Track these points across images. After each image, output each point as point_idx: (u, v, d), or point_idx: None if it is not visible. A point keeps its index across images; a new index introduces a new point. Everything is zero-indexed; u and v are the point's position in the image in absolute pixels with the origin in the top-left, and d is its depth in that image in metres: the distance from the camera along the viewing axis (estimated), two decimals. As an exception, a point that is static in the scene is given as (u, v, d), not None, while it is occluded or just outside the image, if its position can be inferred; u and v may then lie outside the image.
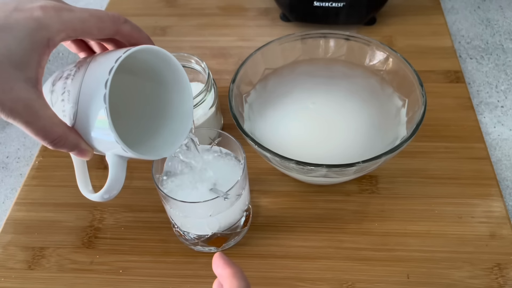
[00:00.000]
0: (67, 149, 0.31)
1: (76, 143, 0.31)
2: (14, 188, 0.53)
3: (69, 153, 0.33)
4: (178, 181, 0.41)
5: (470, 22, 0.70)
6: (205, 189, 0.40)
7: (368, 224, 0.45)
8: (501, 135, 0.54)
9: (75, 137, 0.31)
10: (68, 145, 0.31)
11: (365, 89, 0.50)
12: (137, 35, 0.33)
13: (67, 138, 0.30)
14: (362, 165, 0.38)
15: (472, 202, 0.46)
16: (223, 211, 0.39)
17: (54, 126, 0.29)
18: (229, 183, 0.38)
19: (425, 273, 0.41)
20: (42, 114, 0.28)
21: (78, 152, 0.32)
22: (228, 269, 0.30)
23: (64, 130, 0.30)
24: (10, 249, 0.45)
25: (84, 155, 0.32)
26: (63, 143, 0.30)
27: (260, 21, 0.69)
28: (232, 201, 0.39)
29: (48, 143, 0.29)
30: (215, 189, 0.39)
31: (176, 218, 0.42)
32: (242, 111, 0.47)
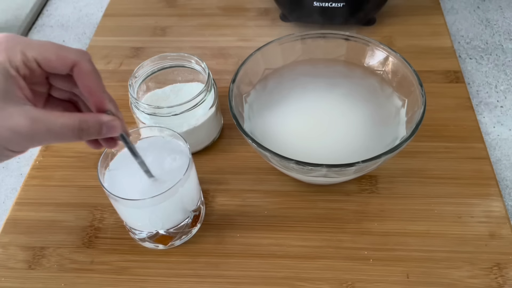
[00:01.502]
0: (94, 132, 0.32)
1: (97, 120, 0.32)
2: (14, 188, 0.53)
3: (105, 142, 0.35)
4: (125, 175, 0.40)
5: (470, 22, 0.70)
6: (148, 184, 0.39)
7: (367, 224, 0.45)
8: (501, 135, 0.54)
9: (94, 116, 0.32)
10: (92, 127, 0.32)
11: (365, 89, 0.50)
12: (94, 84, 0.32)
13: (87, 121, 0.31)
14: (361, 165, 0.38)
15: (472, 202, 0.46)
16: (161, 209, 0.39)
17: (63, 117, 0.31)
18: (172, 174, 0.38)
19: (425, 273, 0.41)
20: (49, 116, 0.30)
21: (107, 128, 0.33)
22: None
23: (79, 116, 0.31)
24: (11, 249, 0.45)
25: (114, 129, 0.33)
26: (86, 127, 0.31)
27: (260, 21, 0.69)
28: (170, 197, 0.38)
29: (72, 136, 0.31)
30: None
31: (121, 213, 0.42)
32: (242, 111, 0.48)
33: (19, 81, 0.30)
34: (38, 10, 0.77)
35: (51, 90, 0.35)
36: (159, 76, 0.51)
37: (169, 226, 0.42)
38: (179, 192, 0.39)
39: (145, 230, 0.42)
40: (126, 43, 0.67)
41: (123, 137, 0.35)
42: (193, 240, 0.45)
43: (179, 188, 0.39)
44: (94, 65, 0.33)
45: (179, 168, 0.40)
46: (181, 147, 0.42)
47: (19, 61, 0.30)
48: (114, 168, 0.40)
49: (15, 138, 0.29)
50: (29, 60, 0.30)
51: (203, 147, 0.52)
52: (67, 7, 0.79)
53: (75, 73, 0.32)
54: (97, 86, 0.33)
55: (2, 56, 0.29)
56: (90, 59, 0.32)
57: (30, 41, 0.31)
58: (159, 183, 0.39)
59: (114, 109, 0.34)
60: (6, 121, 0.29)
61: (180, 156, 0.41)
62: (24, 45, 0.30)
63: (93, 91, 0.32)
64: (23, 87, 0.30)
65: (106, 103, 0.33)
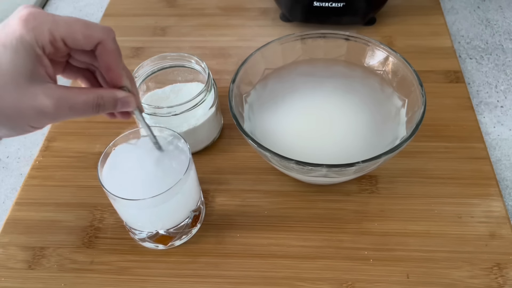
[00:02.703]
0: (110, 107, 0.33)
1: (113, 95, 0.33)
2: (14, 188, 0.53)
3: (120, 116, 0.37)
4: (125, 175, 0.40)
5: (470, 22, 0.70)
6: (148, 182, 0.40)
7: (368, 224, 0.45)
8: (501, 135, 0.54)
9: (110, 92, 0.33)
10: (108, 102, 0.33)
11: (365, 89, 0.50)
12: (115, 62, 0.33)
13: (103, 97, 0.33)
14: (362, 165, 0.38)
15: (472, 202, 0.46)
16: (162, 209, 0.40)
17: (83, 94, 0.32)
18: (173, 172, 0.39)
19: (425, 273, 0.41)
20: (71, 94, 0.31)
21: (122, 104, 0.34)
22: None
23: (97, 92, 0.32)
24: (11, 249, 0.45)
25: (128, 105, 0.34)
26: (103, 102, 0.33)
27: (260, 21, 0.69)
28: (170, 198, 0.39)
29: (91, 111, 0.32)
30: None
31: (121, 213, 0.42)
32: (242, 111, 0.48)
33: (44, 60, 0.30)
34: (38, 10, 0.77)
35: (70, 59, 0.36)
36: (159, 76, 0.51)
37: (169, 226, 0.42)
38: (180, 192, 0.39)
39: (145, 230, 0.42)
40: (126, 43, 0.67)
41: (137, 112, 0.37)
42: (193, 240, 0.45)
43: (179, 188, 0.39)
44: (117, 44, 0.33)
45: (179, 168, 0.40)
46: (181, 147, 0.41)
47: (46, 41, 0.30)
48: (114, 168, 0.40)
49: (40, 117, 0.30)
50: (57, 40, 0.30)
51: (203, 147, 0.52)
52: (67, 7, 0.79)
53: (98, 51, 0.32)
54: (117, 64, 0.33)
55: (29, 35, 0.29)
56: (114, 38, 0.33)
57: (57, 19, 0.31)
58: (161, 181, 0.39)
59: (130, 86, 0.35)
60: (31, 101, 0.30)
61: (180, 156, 0.41)
62: (51, 24, 0.30)
63: (112, 68, 0.33)
64: (47, 66, 0.31)
65: (123, 79, 0.34)
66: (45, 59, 0.31)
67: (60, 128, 0.56)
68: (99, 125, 0.56)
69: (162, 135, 0.42)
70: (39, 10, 0.31)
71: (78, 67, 0.36)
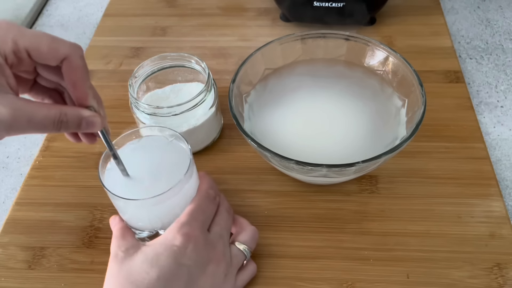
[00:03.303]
0: (73, 126, 0.32)
1: (77, 114, 0.32)
2: (14, 188, 0.53)
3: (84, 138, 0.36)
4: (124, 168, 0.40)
5: (470, 22, 0.70)
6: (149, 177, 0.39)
7: (368, 224, 0.45)
8: (501, 135, 0.54)
9: (74, 109, 0.32)
10: (71, 121, 0.31)
11: (365, 89, 0.50)
12: (81, 80, 0.32)
13: (67, 114, 0.31)
14: (362, 165, 0.38)
15: (472, 202, 0.46)
16: (162, 210, 0.39)
17: (45, 108, 0.30)
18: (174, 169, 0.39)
19: (425, 273, 0.41)
20: (31, 107, 0.30)
21: (86, 124, 0.32)
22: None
23: (60, 109, 0.31)
24: (10, 249, 0.45)
25: (94, 125, 0.33)
26: (66, 120, 0.31)
27: (260, 21, 0.69)
28: (171, 198, 0.38)
29: (52, 128, 0.31)
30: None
31: (122, 213, 0.41)
32: (242, 111, 0.48)
33: (5, 70, 0.30)
34: (38, 10, 0.77)
35: (38, 78, 0.35)
36: (159, 76, 0.51)
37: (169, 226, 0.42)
38: (180, 193, 0.39)
39: (145, 230, 0.42)
40: (126, 43, 0.67)
41: (103, 134, 0.36)
42: (193, 240, 0.45)
43: (179, 188, 0.38)
44: (84, 61, 0.32)
45: (180, 168, 0.39)
46: (182, 147, 0.41)
47: (8, 50, 0.29)
48: (114, 168, 0.40)
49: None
50: (20, 50, 0.30)
51: (203, 147, 0.52)
52: (67, 7, 0.79)
53: (64, 67, 0.31)
54: (83, 81, 0.32)
55: None
56: (82, 55, 0.32)
57: (23, 30, 0.30)
58: (161, 181, 0.39)
59: (97, 106, 0.34)
60: None
61: (180, 156, 0.41)
62: (16, 34, 0.30)
63: (78, 86, 0.32)
64: (8, 76, 0.30)
65: (89, 98, 0.33)
66: (7, 69, 0.30)
67: (60, 128, 0.56)
68: (99, 125, 0.56)
69: (163, 134, 0.42)
70: (6, 21, 0.30)
71: (47, 87, 0.36)
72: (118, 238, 0.37)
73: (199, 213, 0.38)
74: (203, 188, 0.40)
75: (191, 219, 0.37)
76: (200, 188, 0.40)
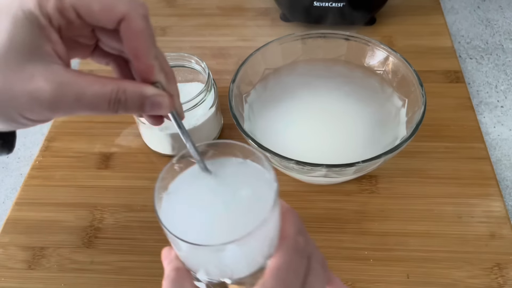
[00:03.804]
0: (134, 107, 0.25)
1: (139, 92, 0.25)
2: (14, 188, 0.53)
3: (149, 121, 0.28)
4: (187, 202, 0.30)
5: (470, 22, 0.70)
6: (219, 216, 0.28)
7: (368, 224, 0.45)
8: (501, 135, 0.54)
9: (136, 85, 0.25)
10: (131, 100, 0.25)
11: (365, 89, 0.50)
12: (143, 47, 0.26)
13: (126, 91, 0.25)
14: (362, 165, 0.38)
15: (472, 202, 0.46)
16: (233, 256, 0.28)
17: (99, 83, 0.24)
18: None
19: (425, 273, 0.41)
20: (80, 81, 0.24)
21: (151, 105, 0.26)
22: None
23: (118, 84, 0.25)
24: (10, 249, 0.45)
25: (159, 107, 0.26)
26: (124, 98, 0.25)
27: (260, 21, 0.69)
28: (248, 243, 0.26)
29: (107, 108, 0.25)
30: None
31: (176, 249, 0.30)
32: (242, 111, 0.47)
33: (50, 33, 0.24)
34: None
35: (99, 42, 0.29)
36: (159, 76, 0.51)
37: (240, 276, 0.30)
38: (261, 234, 0.27)
39: (207, 277, 0.30)
40: (126, 43, 0.67)
41: (174, 118, 0.28)
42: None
43: (263, 229, 0.26)
44: (148, 23, 0.26)
45: (260, 199, 0.29)
46: (259, 169, 0.30)
47: (51, 8, 0.24)
48: (175, 194, 0.29)
49: (34, 105, 0.24)
50: (66, 8, 0.24)
51: (203, 147, 0.52)
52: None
53: (122, 30, 0.25)
54: (146, 49, 0.26)
55: (32, 1, 0.23)
56: (145, 14, 0.25)
57: None
58: (236, 219, 0.28)
59: (165, 82, 0.27)
60: (25, 83, 0.23)
61: (259, 182, 0.30)
62: None
63: (140, 55, 0.26)
64: (54, 41, 0.24)
65: (155, 72, 0.26)
66: (53, 33, 0.24)
67: (60, 128, 0.56)
68: (99, 125, 0.56)
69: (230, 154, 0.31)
70: None
71: (111, 53, 0.30)
72: (173, 284, 0.28)
73: (289, 275, 0.26)
74: (290, 234, 0.28)
75: (280, 285, 0.26)
76: (285, 231, 0.28)
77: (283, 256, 0.27)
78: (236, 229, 0.26)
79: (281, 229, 0.28)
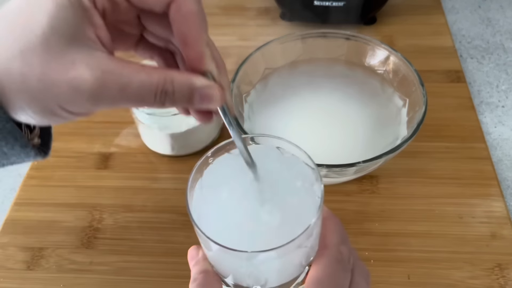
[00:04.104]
0: (182, 99, 0.23)
1: (188, 83, 0.23)
2: (13, 188, 0.53)
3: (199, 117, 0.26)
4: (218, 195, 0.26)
5: (471, 22, 0.69)
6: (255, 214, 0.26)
7: (368, 224, 0.45)
8: (502, 135, 0.54)
9: (185, 75, 0.23)
10: (179, 92, 0.23)
11: (366, 89, 0.50)
12: (194, 32, 0.24)
13: (173, 81, 0.22)
14: (362, 165, 0.38)
15: (473, 202, 0.46)
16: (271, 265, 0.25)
17: (144, 72, 0.22)
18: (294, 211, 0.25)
19: (426, 274, 0.41)
20: (125, 70, 0.22)
21: (200, 97, 0.23)
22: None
23: (165, 74, 0.22)
24: (9, 249, 0.45)
25: (210, 99, 0.23)
26: (171, 89, 0.22)
27: (260, 21, 0.69)
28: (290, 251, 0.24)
29: (153, 100, 0.22)
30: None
31: (206, 250, 0.28)
32: (242, 111, 0.47)
33: (94, 17, 0.22)
34: None
35: (145, 33, 0.27)
36: (159, 75, 0.51)
37: (273, 285, 0.28)
38: (302, 243, 0.24)
39: (238, 283, 0.28)
40: (125, 43, 0.66)
41: (224, 113, 0.25)
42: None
43: (305, 238, 0.24)
44: (200, 5, 0.24)
45: (302, 203, 0.26)
46: (305, 169, 0.27)
47: None
48: (208, 186, 0.27)
49: (75, 94, 0.22)
50: None
51: (203, 147, 0.52)
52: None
53: (171, 13, 0.23)
54: (197, 34, 0.24)
55: None
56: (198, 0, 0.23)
57: None
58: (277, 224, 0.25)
59: (217, 72, 0.25)
60: (65, 70, 0.21)
61: (302, 183, 0.26)
62: None
63: (190, 41, 0.24)
64: (98, 26, 0.22)
65: (206, 60, 0.24)
66: (97, 17, 0.22)
67: (59, 128, 0.55)
68: (98, 125, 0.55)
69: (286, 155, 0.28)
70: None
71: (157, 46, 0.28)
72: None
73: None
74: (333, 243, 0.25)
75: None
76: (327, 240, 0.26)
77: (326, 268, 0.24)
78: (276, 235, 0.24)
79: (322, 237, 0.26)
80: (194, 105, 0.24)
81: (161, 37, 0.27)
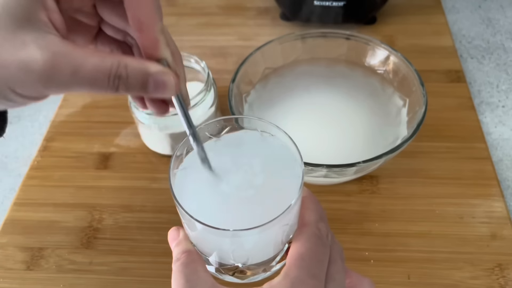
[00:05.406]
0: (136, 84, 0.23)
1: (142, 68, 0.23)
2: (12, 188, 0.53)
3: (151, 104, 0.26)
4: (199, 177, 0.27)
5: (471, 22, 0.69)
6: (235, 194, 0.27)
7: (368, 225, 0.45)
8: (502, 135, 0.54)
9: (139, 61, 0.23)
10: (133, 77, 0.22)
11: (366, 88, 0.50)
12: (148, 17, 0.23)
13: (127, 66, 0.22)
14: (362, 165, 0.38)
15: (473, 203, 0.46)
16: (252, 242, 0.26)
17: (98, 56, 0.22)
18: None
19: (426, 274, 0.41)
20: (78, 52, 0.22)
21: (154, 83, 0.23)
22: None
23: (119, 58, 0.22)
24: (9, 249, 0.45)
25: (164, 86, 0.23)
26: (125, 74, 0.22)
27: (260, 21, 0.69)
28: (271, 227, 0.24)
29: (106, 85, 0.22)
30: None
31: (188, 233, 0.29)
32: (242, 111, 0.47)
33: (47, 1, 0.22)
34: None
35: (103, 25, 0.27)
36: (159, 75, 0.51)
37: (255, 262, 0.29)
38: (284, 221, 0.25)
39: (221, 262, 0.29)
40: (125, 43, 0.66)
41: (179, 102, 0.25)
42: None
43: (287, 215, 0.25)
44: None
45: (285, 184, 0.27)
46: (285, 149, 0.28)
47: None
48: (189, 166, 0.27)
49: (26, 76, 0.21)
50: None
51: (202, 147, 0.52)
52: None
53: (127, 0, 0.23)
54: (151, 20, 0.23)
55: None
56: None
57: None
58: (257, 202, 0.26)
59: (172, 60, 0.25)
60: (15, 51, 0.21)
61: (284, 162, 0.28)
62: None
63: (144, 27, 0.23)
64: (51, 9, 0.22)
65: (160, 47, 0.24)
66: (50, 0, 0.22)
67: (58, 128, 0.56)
68: (97, 125, 0.55)
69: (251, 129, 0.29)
70: None
71: (115, 39, 0.28)
72: (186, 272, 0.25)
73: (313, 263, 0.25)
74: (312, 221, 0.26)
75: (305, 274, 0.24)
76: (306, 218, 0.27)
77: (306, 244, 0.25)
78: (258, 213, 0.24)
79: (301, 215, 0.27)
80: (148, 93, 0.23)
81: (118, 28, 0.27)
